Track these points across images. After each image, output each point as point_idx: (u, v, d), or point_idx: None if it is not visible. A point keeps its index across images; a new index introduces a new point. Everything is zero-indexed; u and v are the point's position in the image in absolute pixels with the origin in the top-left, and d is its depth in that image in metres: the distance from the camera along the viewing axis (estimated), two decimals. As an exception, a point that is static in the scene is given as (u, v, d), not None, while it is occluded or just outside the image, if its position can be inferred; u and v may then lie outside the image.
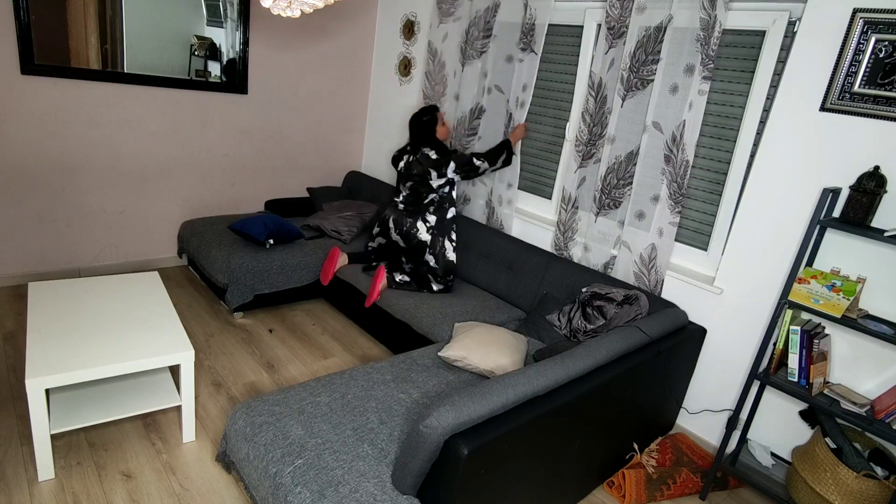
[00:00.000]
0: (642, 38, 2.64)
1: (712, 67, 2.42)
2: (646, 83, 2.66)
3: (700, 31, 2.43)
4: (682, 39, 2.51)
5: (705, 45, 2.41)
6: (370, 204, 3.97)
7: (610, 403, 2.12)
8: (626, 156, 2.78)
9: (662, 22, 2.55)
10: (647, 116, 2.65)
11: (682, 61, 2.51)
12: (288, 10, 1.85)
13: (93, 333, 2.15)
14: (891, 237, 1.92)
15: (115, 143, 3.43)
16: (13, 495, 1.91)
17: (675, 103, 2.56)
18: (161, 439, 2.28)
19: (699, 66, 2.44)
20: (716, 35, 2.37)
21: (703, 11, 2.40)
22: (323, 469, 1.66)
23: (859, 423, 1.98)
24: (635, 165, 2.74)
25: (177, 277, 3.78)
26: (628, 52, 2.68)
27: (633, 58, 2.67)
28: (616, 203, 2.86)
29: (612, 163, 2.83)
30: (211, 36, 3.62)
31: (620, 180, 2.82)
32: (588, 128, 2.91)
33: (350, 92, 4.41)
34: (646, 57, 2.64)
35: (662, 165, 2.63)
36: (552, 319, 2.73)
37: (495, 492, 1.72)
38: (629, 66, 2.69)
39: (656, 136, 2.64)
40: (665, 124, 2.60)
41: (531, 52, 3.13)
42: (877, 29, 2.01)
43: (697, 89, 2.46)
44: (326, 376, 2.12)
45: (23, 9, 2.90)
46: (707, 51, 2.40)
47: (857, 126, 2.11)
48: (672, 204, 2.61)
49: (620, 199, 2.83)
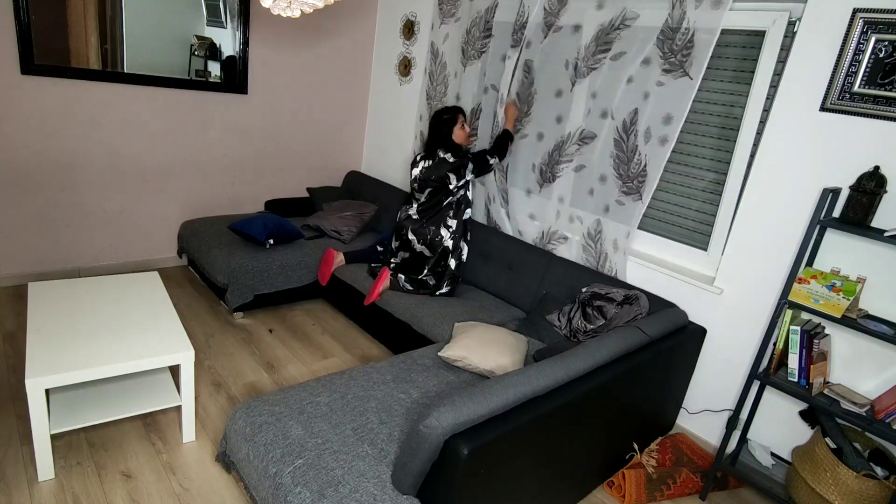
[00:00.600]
0: (597, 32, 2.87)
1: (673, 61, 2.55)
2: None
3: (664, 28, 2.57)
4: (639, 37, 2.68)
5: (669, 40, 2.54)
6: (370, 204, 3.97)
7: (610, 403, 2.12)
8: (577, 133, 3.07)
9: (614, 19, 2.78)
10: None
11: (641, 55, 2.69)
12: (288, 10, 1.85)
13: (93, 333, 2.15)
14: (891, 237, 1.92)
15: (115, 143, 3.43)
16: (13, 495, 1.91)
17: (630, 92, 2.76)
18: (161, 439, 2.28)
19: (659, 58, 2.61)
20: (681, 32, 2.50)
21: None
22: (323, 469, 1.66)
23: (859, 423, 1.98)
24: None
25: (177, 277, 3.78)
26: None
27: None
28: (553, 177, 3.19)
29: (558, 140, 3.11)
30: (211, 36, 3.62)
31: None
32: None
33: (350, 92, 4.41)
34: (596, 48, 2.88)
35: (612, 149, 2.86)
36: (552, 319, 2.73)
37: (495, 492, 1.72)
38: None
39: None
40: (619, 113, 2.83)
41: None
42: (877, 29, 2.01)
43: (656, 81, 2.62)
44: (326, 376, 2.12)
45: (23, 9, 2.90)
46: (670, 46, 2.55)
47: (857, 126, 2.11)
48: (622, 185, 2.80)
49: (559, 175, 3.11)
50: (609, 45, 2.78)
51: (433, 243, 3.12)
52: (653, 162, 2.66)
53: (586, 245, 3.00)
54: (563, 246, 3.12)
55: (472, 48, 3.47)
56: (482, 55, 3.44)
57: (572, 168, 3.03)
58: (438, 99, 3.77)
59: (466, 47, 3.49)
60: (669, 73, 2.55)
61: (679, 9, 2.48)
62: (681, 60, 2.50)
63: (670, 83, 2.55)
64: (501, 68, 3.34)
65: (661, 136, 2.61)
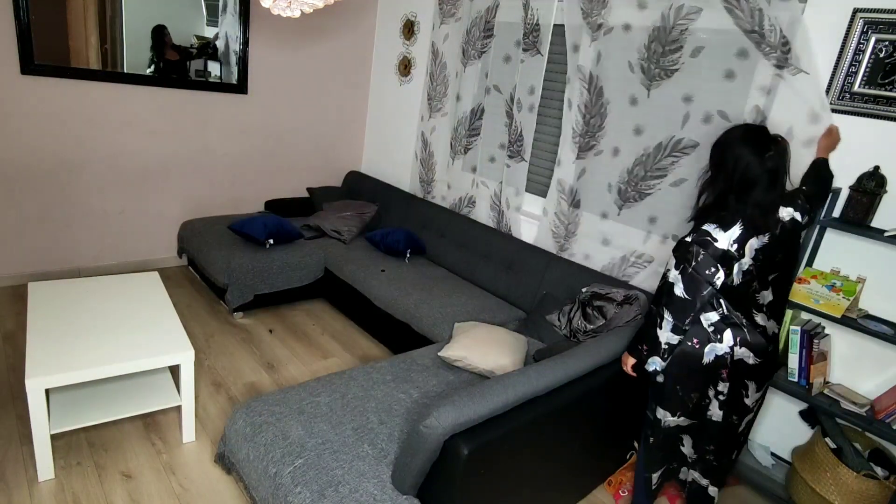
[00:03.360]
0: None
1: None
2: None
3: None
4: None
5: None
6: (370, 204, 3.97)
7: (610, 403, 2.12)
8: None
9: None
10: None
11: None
12: (288, 10, 1.85)
13: (93, 333, 2.15)
14: (891, 237, 1.92)
15: (115, 143, 3.43)
16: (13, 495, 1.91)
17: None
18: (161, 439, 2.28)
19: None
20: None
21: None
22: (323, 469, 1.66)
23: (859, 423, 1.98)
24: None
25: (177, 277, 3.77)
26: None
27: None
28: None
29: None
30: (211, 36, 3.62)
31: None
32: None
33: (350, 92, 4.40)
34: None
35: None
36: (552, 319, 2.73)
37: (495, 492, 1.72)
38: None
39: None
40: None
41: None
42: (877, 29, 2.01)
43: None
44: (326, 376, 2.12)
45: (23, 9, 2.90)
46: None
47: (857, 126, 2.11)
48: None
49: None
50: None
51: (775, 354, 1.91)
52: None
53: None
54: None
55: (472, 48, 3.46)
56: (483, 55, 3.43)
57: (669, 183, 2.65)
58: (438, 99, 3.77)
59: (467, 47, 3.49)
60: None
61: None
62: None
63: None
64: (505, 69, 3.34)
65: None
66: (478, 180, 3.61)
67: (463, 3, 3.51)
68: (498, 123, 3.45)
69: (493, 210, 3.49)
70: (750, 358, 1.77)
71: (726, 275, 1.71)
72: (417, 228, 3.71)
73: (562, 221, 3.10)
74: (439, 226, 3.61)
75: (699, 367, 1.80)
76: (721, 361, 1.78)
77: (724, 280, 1.71)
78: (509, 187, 3.35)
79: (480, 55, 3.44)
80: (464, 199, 3.70)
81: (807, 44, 2.17)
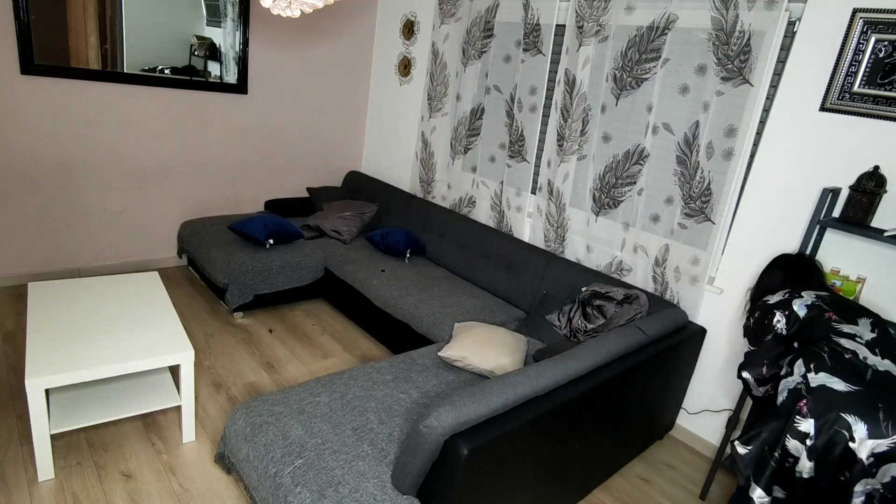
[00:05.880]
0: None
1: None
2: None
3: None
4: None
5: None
6: (370, 204, 3.97)
7: (609, 403, 2.12)
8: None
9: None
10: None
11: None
12: (288, 10, 1.85)
13: (93, 333, 2.15)
14: (891, 237, 1.92)
15: (114, 143, 3.43)
16: (13, 495, 1.91)
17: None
18: (161, 439, 2.28)
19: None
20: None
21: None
22: (323, 469, 1.66)
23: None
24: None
25: (177, 277, 3.77)
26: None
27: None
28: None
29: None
30: (211, 36, 3.62)
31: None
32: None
33: (350, 92, 4.41)
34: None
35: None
36: (552, 319, 2.73)
37: (495, 492, 1.72)
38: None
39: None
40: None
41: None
42: (877, 29, 2.01)
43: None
44: (326, 376, 2.12)
45: (23, 9, 2.90)
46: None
47: (856, 126, 2.11)
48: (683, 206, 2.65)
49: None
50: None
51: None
52: (717, 178, 2.48)
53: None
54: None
55: (472, 48, 3.46)
56: (483, 55, 3.43)
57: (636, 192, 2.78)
58: (438, 99, 3.78)
59: (467, 47, 3.49)
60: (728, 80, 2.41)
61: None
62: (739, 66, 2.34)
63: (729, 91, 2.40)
64: (505, 69, 3.34)
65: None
66: (478, 180, 3.61)
67: (463, 3, 3.51)
68: (498, 123, 3.46)
69: (493, 210, 3.49)
70: None
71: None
72: (417, 228, 3.71)
73: (552, 224, 3.14)
74: (439, 226, 3.61)
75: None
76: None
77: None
78: (510, 187, 3.35)
79: (480, 55, 3.44)
80: (464, 199, 3.71)
81: (767, 59, 2.27)
